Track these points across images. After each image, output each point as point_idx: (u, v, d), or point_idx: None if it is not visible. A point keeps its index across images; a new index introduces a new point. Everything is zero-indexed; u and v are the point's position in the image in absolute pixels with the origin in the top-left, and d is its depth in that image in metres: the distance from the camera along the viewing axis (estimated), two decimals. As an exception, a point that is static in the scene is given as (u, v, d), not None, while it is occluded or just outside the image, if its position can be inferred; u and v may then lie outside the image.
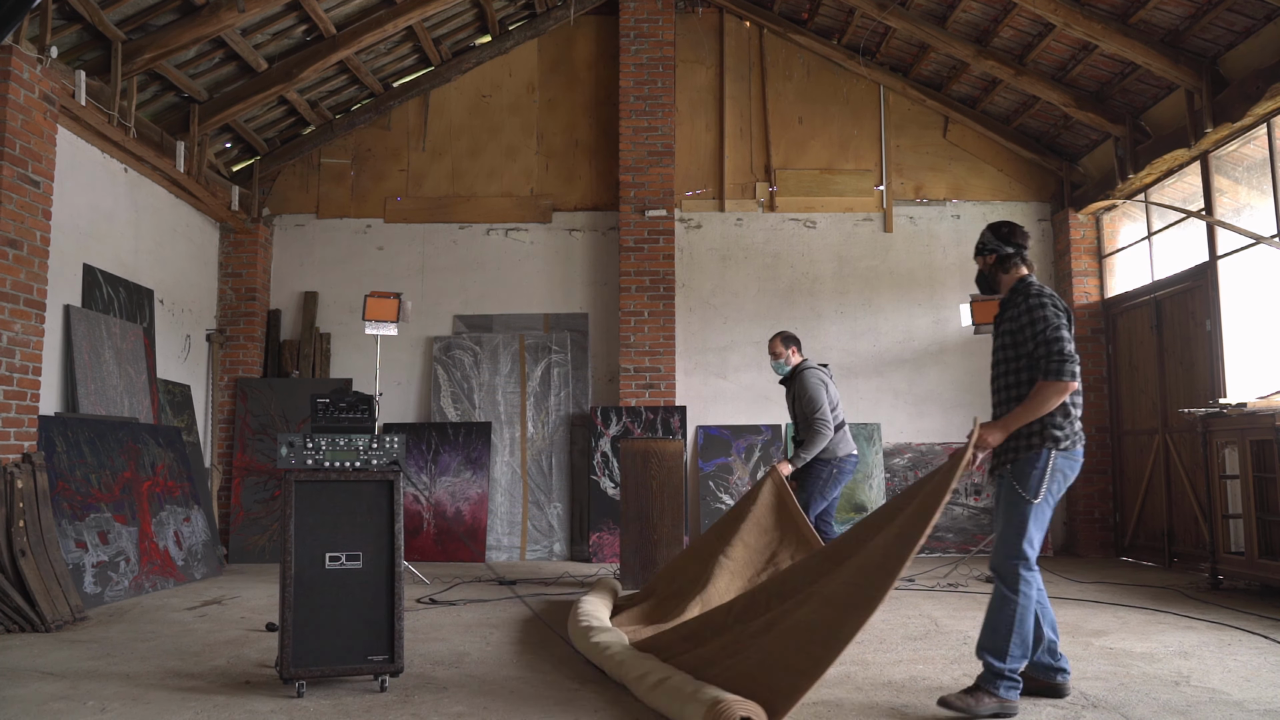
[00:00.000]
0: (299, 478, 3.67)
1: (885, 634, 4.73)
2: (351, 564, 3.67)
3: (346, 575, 3.66)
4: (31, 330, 5.56)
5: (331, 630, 3.60)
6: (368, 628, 3.64)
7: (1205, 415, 6.22)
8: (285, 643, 3.53)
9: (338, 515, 3.70)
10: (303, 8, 7.21)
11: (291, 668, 3.52)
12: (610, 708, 3.36)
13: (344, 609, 3.63)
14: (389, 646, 3.64)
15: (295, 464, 3.68)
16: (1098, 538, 8.39)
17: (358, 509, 3.71)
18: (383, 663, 3.63)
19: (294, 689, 3.53)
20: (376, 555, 3.70)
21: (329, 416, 3.83)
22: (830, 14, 8.78)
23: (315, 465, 3.70)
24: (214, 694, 3.56)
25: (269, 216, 9.02)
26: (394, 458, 3.79)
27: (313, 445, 3.71)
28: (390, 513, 3.73)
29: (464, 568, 7.67)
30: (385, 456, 3.78)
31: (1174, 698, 3.41)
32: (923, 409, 8.80)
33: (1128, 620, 5.06)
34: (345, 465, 3.73)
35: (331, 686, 3.68)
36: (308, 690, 3.58)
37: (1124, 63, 7.29)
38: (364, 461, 3.75)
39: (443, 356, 8.79)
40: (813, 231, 9.04)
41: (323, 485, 3.70)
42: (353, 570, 3.66)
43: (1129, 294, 8.23)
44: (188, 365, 8.22)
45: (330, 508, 3.69)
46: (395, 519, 3.73)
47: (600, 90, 9.20)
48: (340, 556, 3.66)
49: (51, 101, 5.76)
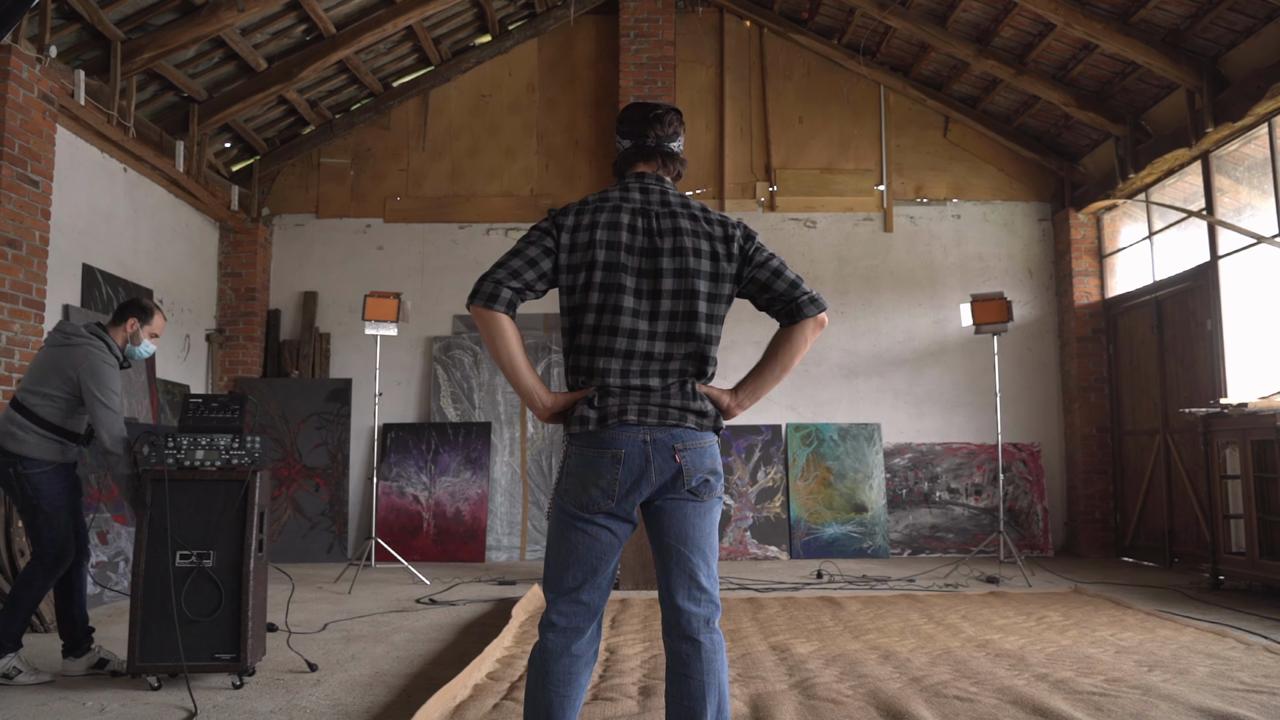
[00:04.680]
0: (155, 476, 3.70)
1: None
2: (203, 562, 3.69)
3: (198, 573, 3.68)
4: (31, 330, 5.55)
5: (180, 628, 3.63)
6: (216, 626, 3.67)
7: (1206, 415, 6.22)
8: (134, 639, 3.60)
9: (193, 514, 3.72)
10: (302, 7, 7.20)
11: (138, 662, 3.60)
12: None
13: (193, 607, 3.66)
14: (236, 645, 3.67)
15: (155, 463, 3.70)
16: (1098, 538, 8.38)
17: (214, 508, 3.74)
18: (229, 661, 3.66)
19: (145, 683, 3.64)
20: (228, 554, 3.72)
21: (198, 416, 3.83)
22: (830, 14, 8.77)
23: (176, 464, 3.72)
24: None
25: (269, 216, 9.01)
26: (255, 457, 3.80)
27: (174, 444, 3.73)
28: (245, 512, 3.75)
29: (464, 568, 7.66)
30: (247, 456, 3.79)
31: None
32: (923, 409, 8.79)
33: (1128, 620, 5.04)
34: (205, 464, 3.75)
35: (190, 682, 3.73)
36: (165, 685, 3.68)
37: (1125, 62, 7.28)
38: (225, 461, 3.77)
39: (442, 356, 8.78)
40: (813, 231, 9.03)
41: (180, 484, 3.72)
42: (204, 568, 3.69)
43: (1130, 294, 8.22)
44: (187, 365, 8.21)
45: (186, 506, 3.72)
46: (250, 519, 3.75)
47: (600, 90, 9.19)
48: (191, 554, 3.69)
49: (51, 101, 5.75)
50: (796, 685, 3.58)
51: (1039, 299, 8.96)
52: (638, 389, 2.27)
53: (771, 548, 8.28)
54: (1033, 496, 8.56)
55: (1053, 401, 8.85)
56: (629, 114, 2.44)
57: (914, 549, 8.47)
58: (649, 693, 3.46)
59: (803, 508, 8.42)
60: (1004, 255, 9.01)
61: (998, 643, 4.39)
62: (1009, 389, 8.72)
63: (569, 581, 2.25)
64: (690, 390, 2.30)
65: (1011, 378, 8.78)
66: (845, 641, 4.46)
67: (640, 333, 2.28)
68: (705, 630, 2.23)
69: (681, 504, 2.27)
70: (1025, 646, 4.29)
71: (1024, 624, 4.90)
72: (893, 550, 8.44)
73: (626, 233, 2.30)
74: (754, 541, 8.29)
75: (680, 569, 2.26)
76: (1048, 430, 8.80)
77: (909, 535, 8.50)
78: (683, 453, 2.25)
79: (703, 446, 2.29)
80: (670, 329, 2.29)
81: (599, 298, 2.28)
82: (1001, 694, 3.42)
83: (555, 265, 2.29)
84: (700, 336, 2.30)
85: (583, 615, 2.26)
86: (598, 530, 2.25)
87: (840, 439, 8.63)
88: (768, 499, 8.41)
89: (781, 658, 4.10)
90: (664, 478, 2.24)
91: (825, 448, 8.60)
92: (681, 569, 2.26)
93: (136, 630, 3.60)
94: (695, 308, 2.29)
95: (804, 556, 8.26)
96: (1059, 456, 8.78)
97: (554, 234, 2.30)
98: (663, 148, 2.41)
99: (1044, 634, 4.62)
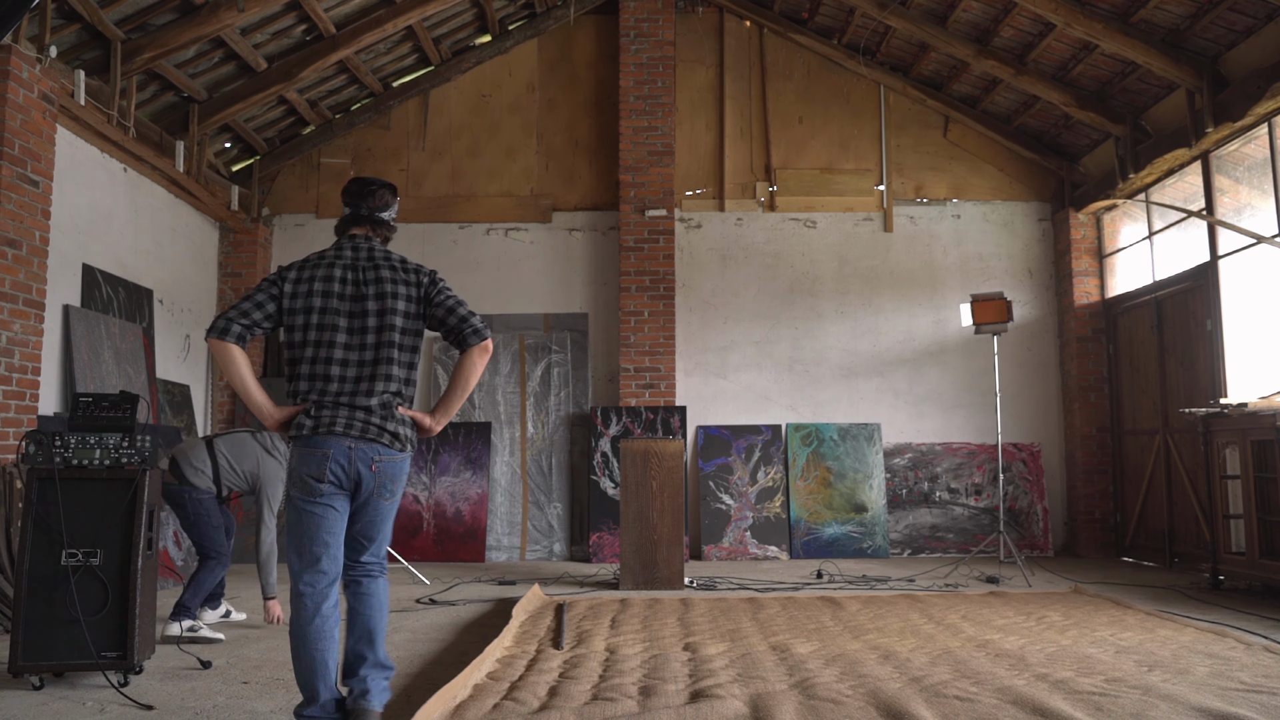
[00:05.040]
0: (41, 474, 3.69)
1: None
2: (90, 560, 3.68)
3: (83, 572, 3.67)
4: (31, 330, 5.55)
5: (66, 626, 3.62)
6: (103, 625, 3.66)
7: (1206, 415, 6.22)
8: (16, 637, 3.59)
9: (80, 512, 3.71)
10: (302, 7, 7.20)
11: (21, 661, 3.58)
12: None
13: (80, 605, 3.64)
14: (123, 644, 3.66)
15: (42, 461, 3.69)
16: (1098, 538, 8.38)
17: (102, 507, 3.73)
18: (116, 659, 3.65)
19: (27, 682, 3.63)
20: (115, 553, 3.72)
21: (88, 414, 3.83)
22: (830, 14, 8.77)
23: (64, 462, 3.71)
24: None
25: (269, 216, 9.01)
26: (145, 456, 3.80)
27: (62, 443, 3.73)
28: (133, 511, 3.75)
29: (464, 568, 7.66)
30: (136, 455, 3.79)
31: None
32: (923, 409, 8.79)
33: (1128, 620, 5.04)
34: (94, 463, 3.75)
35: (72, 682, 3.74)
36: (49, 684, 3.68)
37: (1125, 62, 7.28)
38: (114, 459, 3.76)
39: (442, 356, 8.78)
40: (813, 231, 9.03)
41: (67, 482, 3.71)
42: (91, 567, 3.68)
43: (1130, 294, 8.22)
44: (187, 365, 8.21)
45: (74, 505, 3.71)
46: (138, 517, 3.75)
47: (600, 90, 9.19)
48: (78, 553, 3.68)
49: (51, 101, 5.75)
50: (797, 685, 3.58)
51: (1039, 299, 8.96)
52: (345, 406, 2.93)
53: (771, 548, 8.28)
54: (1033, 496, 8.56)
55: (1053, 401, 8.85)
56: (349, 187, 3.14)
57: (914, 549, 8.47)
58: (649, 693, 3.46)
59: (803, 508, 8.42)
60: (1004, 255, 9.01)
61: (997, 643, 4.39)
62: (1009, 389, 8.72)
63: (310, 556, 2.90)
64: (392, 412, 2.97)
65: (1011, 378, 8.79)
66: (845, 641, 4.46)
67: (350, 362, 2.95)
68: (379, 574, 3.07)
69: (377, 503, 3.00)
70: (1025, 646, 4.29)
71: (1024, 624, 4.90)
72: (893, 550, 8.45)
73: (339, 284, 3.00)
74: (754, 541, 8.29)
75: (365, 544, 3.04)
76: (1048, 430, 8.80)
77: (909, 535, 8.51)
78: (379, 464, 2.95)
79: (395, 462, 2.99)
80: (376, 358, 2.97)
81: (315, 335, 2.96)
82: (1002, 694, 3.42)
83: (279, 309, 2.99)
84: (397, 365, 2.99)
85: (324, 581, 2.90)
86: (324, 509, 2.92)
87: (840, 439, 8.63)
88: (768, 499, 8.41)
89: (781, 657, 4.10)
90: (365, 483, 2.94)
91: (825, 448, 8.60)
92: (366, 544, 3.04)
93: (19, 629, 3.59)
94: (393, 340, 2.99)
95: (804, 556, 8.26)
96: (1059, 456, 8.78)
97: (279, 284, 3.01)
98: (373, 216, 3.14)
99: (1044, 634, 4.62)
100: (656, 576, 6.34)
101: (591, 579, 6.86)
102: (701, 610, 5.38)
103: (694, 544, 8.44)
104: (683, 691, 3.49)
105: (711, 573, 7.24)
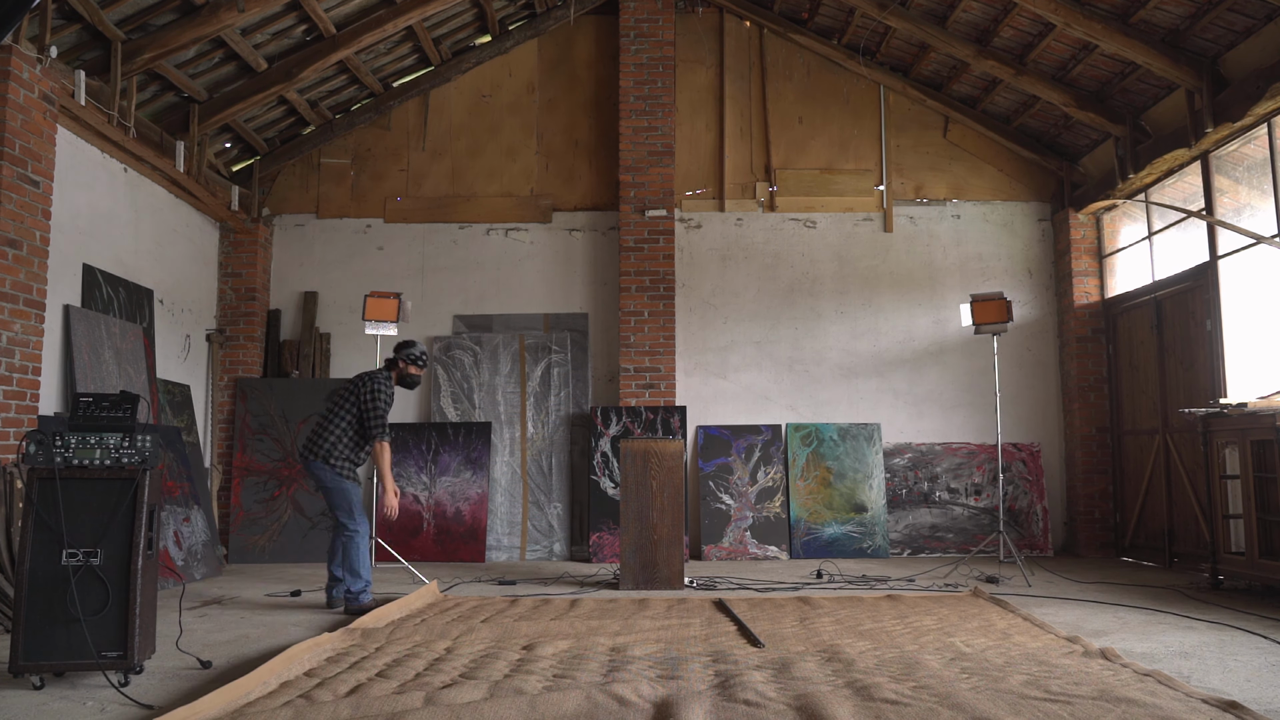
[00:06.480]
0: (42, 474, 3.70)
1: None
2: (90, 560, 3.69)
3: (84, 572, 3.68)
4: (31, 330, 5.56)
5: (66, 626, 3.63)
6: (103, 625, 3.67)
7: (1206, 415, 6.22)
8: (17, 637, 3.59)
9: (81, 512, 3.72)
10: (302, 7, 7.21)
11: (21, 661, 3.59)
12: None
13: (80, 605, 3.65)
14: (123, 644, 3.67)
15: (43, 461, 3.70)
16: (1098, 538, 8.38)
17: (102, 506, 3.74)
18: (116, 659, 3.66)
19: (27, 682, 3.62)
20: (116, 553, 3.72)
21: (88, 415, 3.84)
22: (830, 14, 8.78)
23: (64, 462, 3.72)
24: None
25: (269, 216, 9.02)
26: (146, 456, 3.81)
27: (62, 443, 3.74)
28: (134, 511, 3.76)
29: (464, 568, 7.67)
30: (137, 455, 3.80)
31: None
32: (923, 409, 8.80)
33: (1128, 620, 5.05)
34: (94, 463, 3.76)
35: (72, 681, 3.74)
36: (49, 684, 3.68)
37: (1124, 62, 7.29)
38: (114, 459, 3.78)
39: (443, 356, 8.79)
40: (813, 231, 9.03)
41: (68, 482, 3.73)
42: (91, 567, 3.69)
43: (1129, 294, 8.23)
44: (187, 365, 8.21)
45: (74, 504, 3.72)
46: (138, 517, 3.75)
47: (600, 90, 9.20)
48: (78, 553, 3.68)
49: (51, 101, 5.75)
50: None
51: (1039, 299, 8.97)
52: None
53: (771, 548, 8.28)
54: (1032, 496, 8.56)
55: (1052, 401, 8.85)
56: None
57: (914, 549, 8.47)
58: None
59: (802, 507, 8.42)
60: (1004, 255, 9.01)
61: (844, 647, 4.20)
62: (1009, 389, 8.73)
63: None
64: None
65: (1011, 378, 8.79)
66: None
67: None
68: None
69: None
70: (866, 651, 4.10)
71: (890, 628, 4.71)
72: (892, 550, 8.45)
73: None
74: (754, 541, 8.30)
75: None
76: (1047, 430, 8.81)
77: (909, 535, 8.51)
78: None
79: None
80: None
81: None
82: (797, 699, 3.29)
83: None
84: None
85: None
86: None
87: (840, 439, 8.64)
88: (767, 499, 8.42)
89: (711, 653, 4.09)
90: None
91: (825, 448, 8.61)
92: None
93: (20, 629, 3.60)
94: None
95: (804, 556, 8.27)
96: (1059, 456, 8.79)
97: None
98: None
99: (899, 638, 4.43)
100: (656, 576, 6.35)
101: (591, 579, 6.87)
102: (658, 610, 5.37)
103: (694, 544, 8.44)
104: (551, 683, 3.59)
105: (711, 573, 7.24)
